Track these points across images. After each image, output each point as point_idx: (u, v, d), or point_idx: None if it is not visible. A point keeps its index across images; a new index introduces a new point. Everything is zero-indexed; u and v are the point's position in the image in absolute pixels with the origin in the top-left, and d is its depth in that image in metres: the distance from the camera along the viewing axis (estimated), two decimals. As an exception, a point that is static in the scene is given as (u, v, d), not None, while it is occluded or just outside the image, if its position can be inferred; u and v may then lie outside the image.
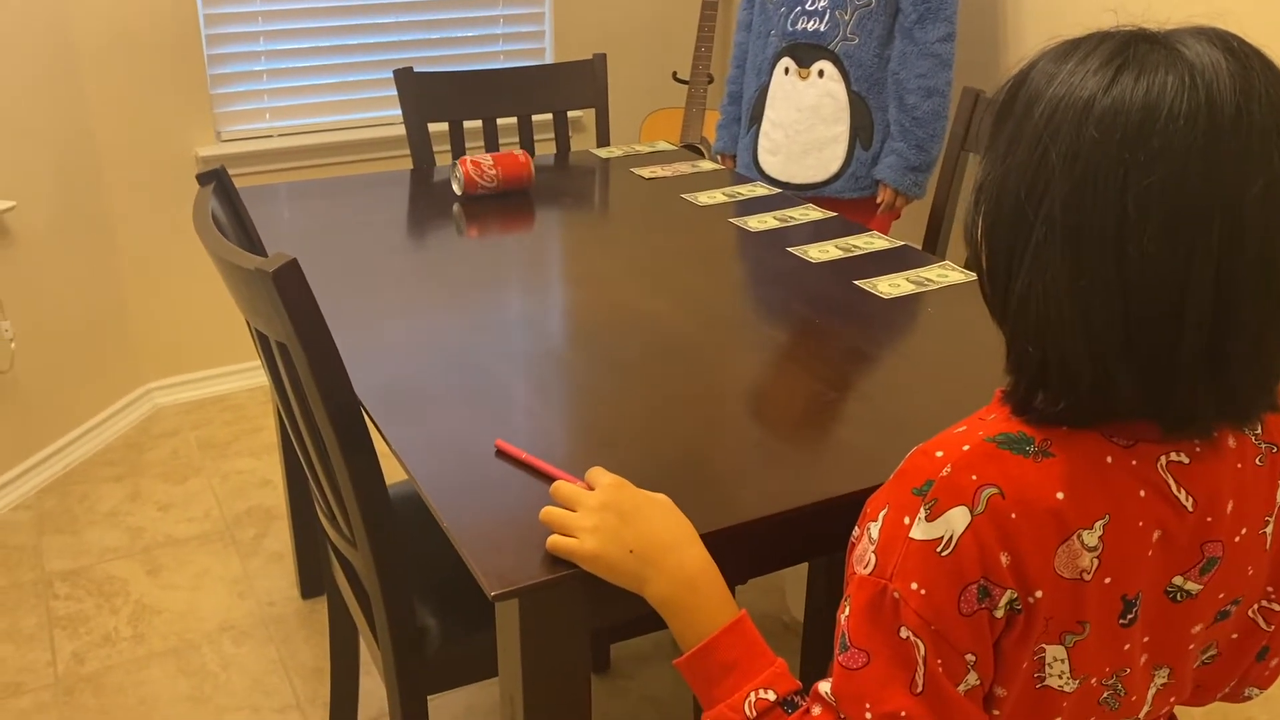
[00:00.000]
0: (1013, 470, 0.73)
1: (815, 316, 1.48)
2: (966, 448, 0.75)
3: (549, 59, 3.12)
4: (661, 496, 0.97)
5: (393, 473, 1.30)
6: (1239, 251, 0.67)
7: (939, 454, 0.76)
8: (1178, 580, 0.79)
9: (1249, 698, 0.96)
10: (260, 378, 2.98)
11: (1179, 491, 0.76)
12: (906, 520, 0.75)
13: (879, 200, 2.35)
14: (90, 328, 2.64)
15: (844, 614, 0.79)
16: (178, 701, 1.88)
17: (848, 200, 2.36)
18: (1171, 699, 0.87)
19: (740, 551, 1.04)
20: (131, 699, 1.89)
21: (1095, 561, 0.74)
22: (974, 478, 0.73)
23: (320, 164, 2.88)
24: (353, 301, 1.53)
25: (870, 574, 0.77)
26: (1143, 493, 0.75)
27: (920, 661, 0.75)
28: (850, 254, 1.72)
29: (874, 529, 0.78)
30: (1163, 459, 0.76)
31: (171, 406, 2.87)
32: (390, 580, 1.26)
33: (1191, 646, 0.84)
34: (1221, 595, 0.82)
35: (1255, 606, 0.88)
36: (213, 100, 2.73)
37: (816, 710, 0.80)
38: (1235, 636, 0.89)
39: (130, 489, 2.51)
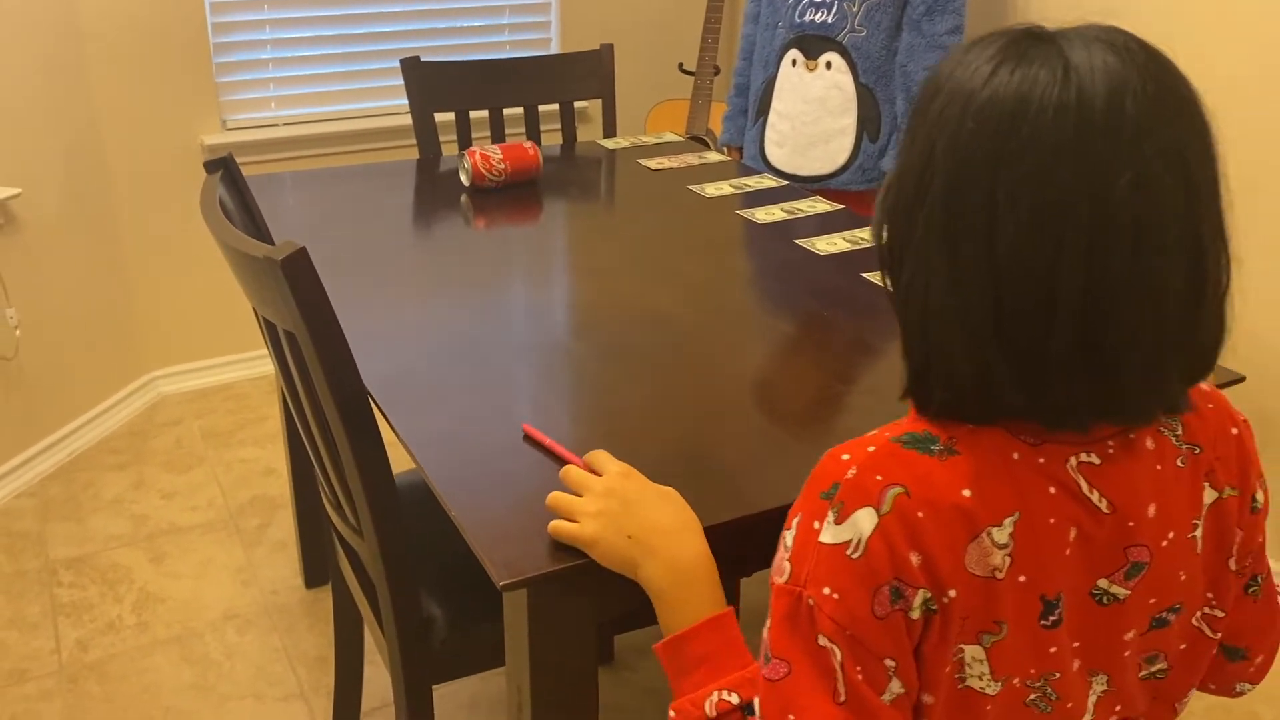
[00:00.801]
0: (918, 469, 0.73)
1: (822, 309, 1.48)
2: (872, 449, 0.75)
3: (555, 49, 3.12)
4: (669, 489, 0.97)
5: (398, 462, 1.30)
6: (1109, 244, 0.67)
7: (845, 456, 0.76)
8: (1102, 583, 0.78)
9: (1241, 693, 0.95)
10: (264, 367, 2.98)
11: (1091, 493, 0.75)
12: (816, 525, 0.75)
13: (885, 193, 2.34)
14: (95, 315, 2.64)
15: (767, 626, 0.78)
16: (181, 689, 1.89)
17: (855, 192, 2.36)
18: (1118, 708, 0.85)
19: (744, 544, 1.04)
20: (135, 686, 1.89)
21: (1007, 559, 0.73)
22: (879, 478, 0.73)
23: (326, 153, 2.88)
24: (359, 291, 1.53)
25: (785, 583, 0.76)
26: (1052, 490, 0.74)
27: (838, 668, 0.74)
28: (858, 246, 1.71)
29: (788, 537, 0.77)
30: (1072, 459, 0.75)
31: (175, 395, 2.87)
32: (396, 569, 1.25)
33: (1127, 654, 0.82)
34: (1153, 601, 0.81)
35: (1198, 614, 0.87)
36: (218, 89, 2.72)
37: None
38: (1184, 647, 0.87)
39: (134, 477, 2.51)
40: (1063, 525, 0.75)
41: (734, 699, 0.82)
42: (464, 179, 1.99)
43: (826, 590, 0.73)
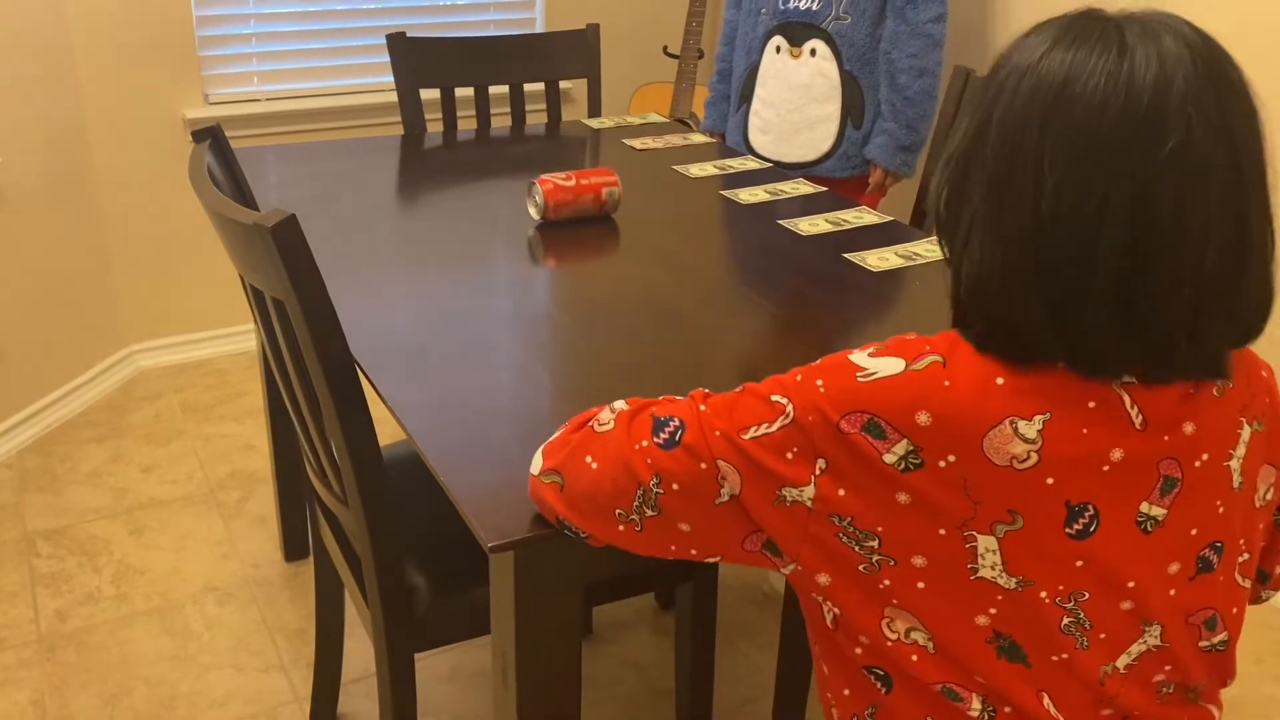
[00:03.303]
0: (962, 350, 0.79)
1: (805, 287, 1.50)
2: (936, 336, 0.82)
3: (539, 29, 3.12)
4: None
5: (381, 438, 1.31)
6: (1153, 206, 0.71)
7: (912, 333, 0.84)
8: (1144, 507, 0.80)
9: (1265, 599, 1.00)
10: (243, 343, 2.97)
11: (1131, 408, 0.78)
12: (855, 350, 0.82)
13: (870, 180, 2.36)
14: (74, 288, 2.63)
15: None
16: (161, 660, 1.89)
17: (839, 179, 2.38)
18: (1167, 667, 0.86)
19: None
20: (114, 657, 1.89)
21: (1033, 455, 0.76)
22: (927, 347, 0.79)
23: (308, 129, 2.87)
24: (346, 263, 1.53)
25: (790, 371, 0.83)
26: (1092, 404, 0.77)
27: (777, 419, 0.80)
28: (840, 228, 1.74)
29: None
30: (1124, 376, 0.78)
31: (154, 369, 2.86)
32: (380, 536, 1.27)
33: (1172, 593, 0.83)
34: (1194, 532, 0.82)
35: (1238, 566, 0.87)
36: (201, 62, 2.71)
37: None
38: (1235, 611, 0.88)
39: (112, 450, 2.51)
40: (1102, 439, 0.77)
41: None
42: (533, 212, 1.71)
43: (818, 381, 0.80)
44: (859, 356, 0.80)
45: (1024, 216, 0.74)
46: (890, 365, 0.78)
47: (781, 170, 2.07)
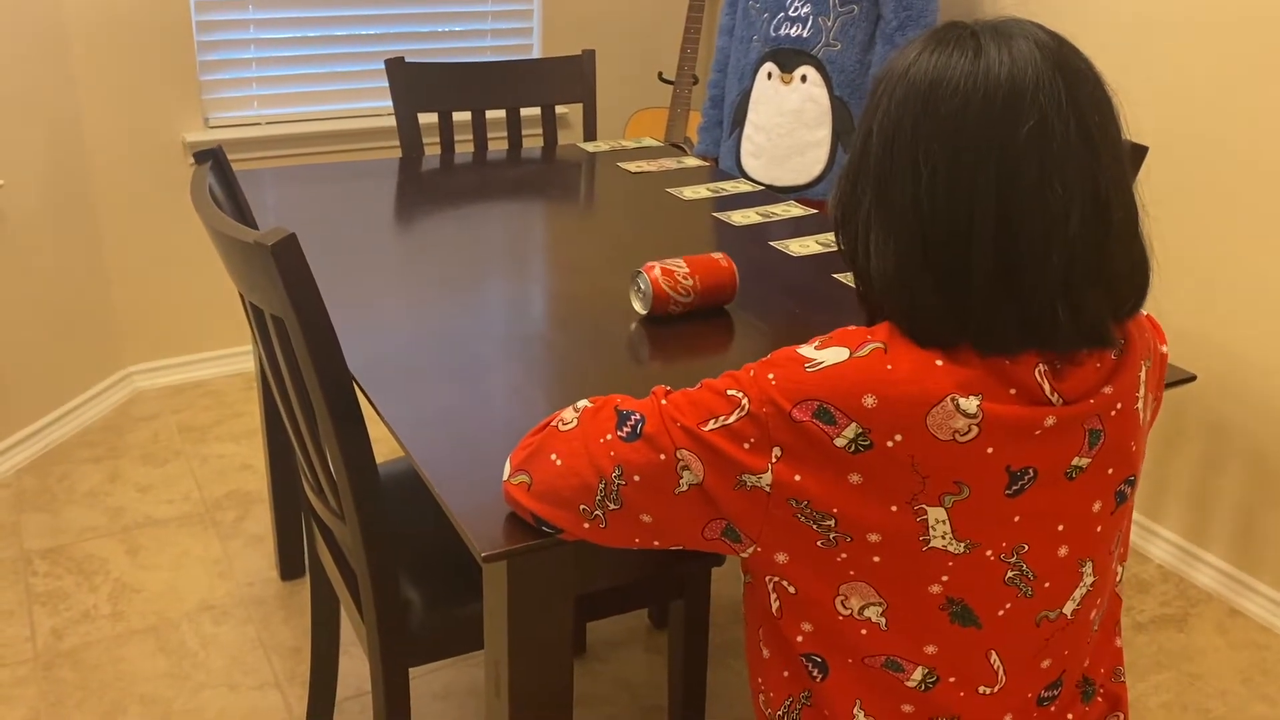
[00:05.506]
0: (901, 339, 0.84)
1: (796, 307, 1.52)
2: (876, 325, 0.88)
3: (536, 54, 3.16)
4: None
5: (380, 457, 1.32)
6: (1017, 178, 0.80)
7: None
8: (1075, 460, 0.86)
9: None
10: (240, 364, 2.99)
11: (1052, 395, 0.84)
12: (801, 345, 0.87)
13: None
14: (73, 309, 2.65)
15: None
16: (156, 678, 1.90)
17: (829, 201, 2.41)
18: (1099, 600, 0.95)
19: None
20: (110, 675, 1.90)
21: (974, 429, 0.81)
22: (868, 336, 0.85)
23: (308, 153, 2.90)
24: (343, 282, 1.56)
25: (742, 369, 0.88)
26: (1012, 391, 0.83)
27: (733, 412, 0.84)
28: (830, 249, 1.76)
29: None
30: (1040, 366, 0.83)
31: (152, 390, 2.88)
32: (376, 550, 1.28)
33: (1099, 529, 0.91)
34: (1111, 471, 0.89)
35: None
36: (201, 87, 2.74)
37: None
38: (1127, 523, 0.97)
39: (110, 470, 2.52)
40: (1029, 412, 0.83)
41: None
42: (639, 306, 1.48)
43: (770, 375, 0.84)
44: (806, 349, 0.86)
45: (907, 207, 0.82)
46: (835, 354, 0.84)
47: (773, 193, 2.10)
